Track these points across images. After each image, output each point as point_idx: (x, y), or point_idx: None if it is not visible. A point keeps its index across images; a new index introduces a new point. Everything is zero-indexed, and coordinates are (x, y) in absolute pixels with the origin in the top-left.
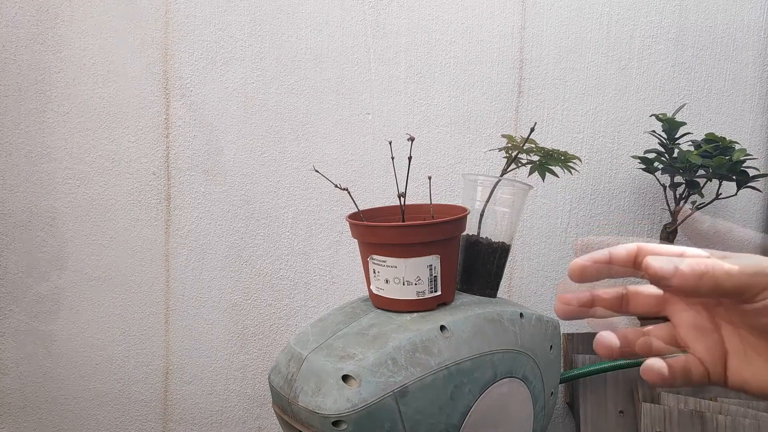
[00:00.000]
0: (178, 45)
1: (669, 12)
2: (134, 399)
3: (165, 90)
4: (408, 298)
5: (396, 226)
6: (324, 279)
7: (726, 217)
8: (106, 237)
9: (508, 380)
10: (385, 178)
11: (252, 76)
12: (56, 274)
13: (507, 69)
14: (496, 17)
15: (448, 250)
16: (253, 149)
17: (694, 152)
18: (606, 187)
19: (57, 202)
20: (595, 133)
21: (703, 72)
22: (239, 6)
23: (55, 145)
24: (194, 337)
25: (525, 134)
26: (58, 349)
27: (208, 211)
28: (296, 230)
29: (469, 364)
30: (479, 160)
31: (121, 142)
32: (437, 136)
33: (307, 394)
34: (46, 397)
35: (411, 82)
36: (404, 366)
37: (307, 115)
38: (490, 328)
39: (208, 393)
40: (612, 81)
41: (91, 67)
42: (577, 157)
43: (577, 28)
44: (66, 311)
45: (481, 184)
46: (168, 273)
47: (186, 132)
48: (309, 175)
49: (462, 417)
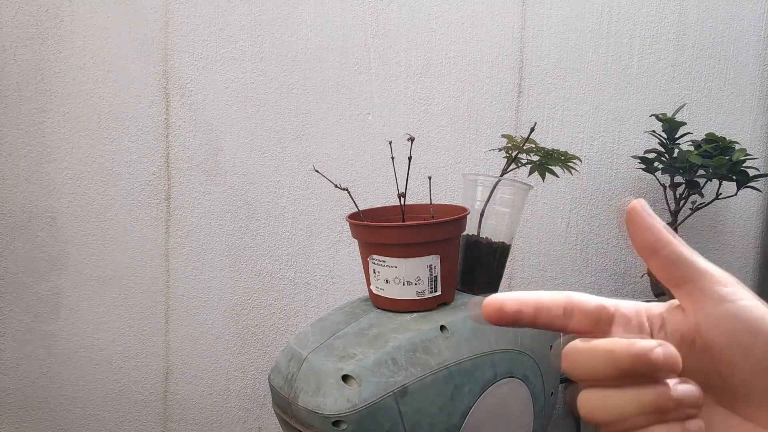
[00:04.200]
0: (178, 45)
1: (669, 12)
2: (134, 399)
3: (165, 90)
4: (408, 298)
5: (396, 226)
6: (324, 279)
7: (726, 217)
8: (106, 237)
9: (508, 380)
10: (385, 178)
11: (252, 76)
12: (56, 274)
13: (507, 69)
14: (496, 17)
15: (448, 250)
16: (253, 149)
17: (694, 152)
18: (606, 187)
19: (57, 202)
20: (595, 133)
21: (703, 72)
22: (239, 6)
23: (55, 145)
24: (194, 337)
25: (525, 134)
26: (58, 349)
27: (208, 211)
28: (296, 230)
29: (469, 364)
30: (479, 160)
31: (121, 142)
32: (437, 136)
33: (307, 394)
34: (46, 397)
35: (411, 82)
36: (404, 366)
37: (307, 115)
38: (490, 328)
39: (208, 393)
40: (612, 81)
41: (91, 67)
42: (577, 157)
43: (577, 28)
44: (66, 311)
45: (481, 184)
46: (168, 273)
47: (186, 132)
48: (309, 175)
49: (462, 417)
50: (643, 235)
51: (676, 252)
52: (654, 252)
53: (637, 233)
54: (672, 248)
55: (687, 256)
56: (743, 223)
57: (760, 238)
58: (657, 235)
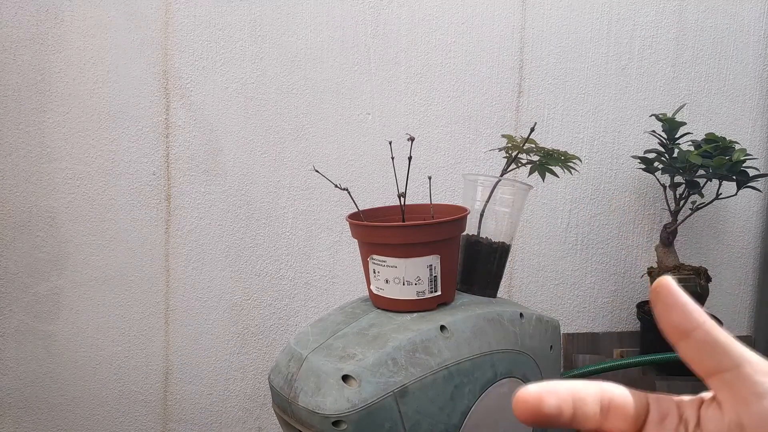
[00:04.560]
0: (178, 45)
1: (669, 12)
2: (134, 399)
3: (165, 90)
4: (408, 298)
5: (396, 226)
6: (324, 279)
7: (726, 217)
8: (106, 237)
9: (508, 380)
10: (385, 178)
11: (252, 76)
12: (56, 274)
13: (507, 69)
14: (496, 17)
15: (448, 250)
16: (253, 149)
17: (694, 152)
18: (606, 187)
19: (57, 202)
20: (595, 133)
21: (703, 72)
22: (239, 6)
23: (55, 145)
24: (194, 337)
25: (525, 134)
26: (58, 349)
27: (208, 211)
28: (296, 230)
29: (469, 364)
30: (479, 160)
31: (121, 142)
32: (437, 136)
33: (307, 394)
34: (46, 397)
35: (411, 82)
36: (404, 366)
37: (307, 115)
38: (490, 328)
39: (208, 393)
40: (612, 81)
41: (91, 67)
42: (577, 157)
43: (577, 28)
44: (66, 311)
45: (481, 184)
46: (168, 273)
47: (186, 132)
48: (309, 175)
49: (462, 417)
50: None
51: (711, 335)
52: (684, 334)
53: (665, 312)
54: (705, 329)
55: (723, 339)
56: (743, 223)
57: (760, 238)
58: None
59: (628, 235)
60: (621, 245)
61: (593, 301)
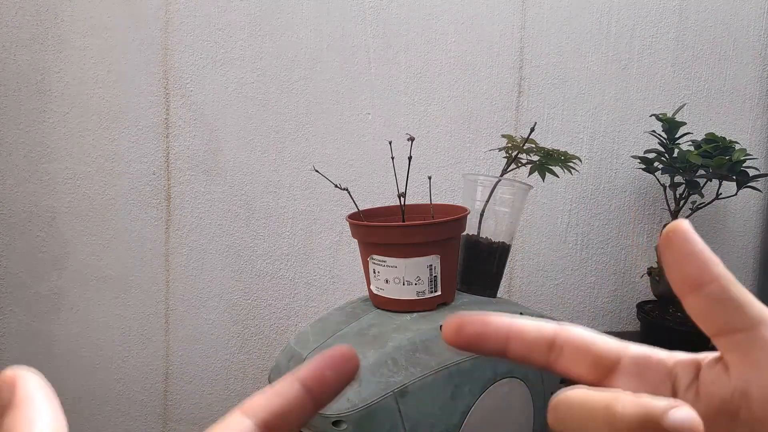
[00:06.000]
0: (178, 45)
1: (669, 12)
2: (134, 399)
3: (165, 90)
4: (408, 298)
5: (396, 226)
6: (324, 279)
7: (726, 217)
8: (106, 237)
9: (508, 380)
10: (385, 178)
11: (252, 76)
12: (56, 274)
13: (507, 69)
14: (496, 17)
15: (448, 250)
16: (253, 149)
17: (694, 152)
18: (606, 187)
19: (57, 202)
20: (596, 133)
21: (703, 72)
22: (239, 6)
23: (55, 145)
24: (194, 337)
25: (525, 134)
26: (58, 349)
27: (208, 211)
28: (296, 230)
29: (469, 364)
30: (479, 160)
31: (121, 142)
32: (437, 136)
33: None
34: None
35: (411, 82)
36: (404, 366)
37: (307, 115)
38: None
39: (208, 393)
40: (612, 81)
41: (91, 67)
42: (577, 157)
43: (577, 28)
44: (66, 311)
45: (481, 184)
46: (168, 273)
47: (186, 132)
48: (309, 175)
49: (462, 417)
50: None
51: (726, 290)
52: (697, 287)
53: (677, 262)
54: (720, 284)
55: (739, 296)
56: (743, 223)
57: (760, 238)
58: (703, 267)
59: (628, 235)
60: (621, 245)
61: (593, 301)
